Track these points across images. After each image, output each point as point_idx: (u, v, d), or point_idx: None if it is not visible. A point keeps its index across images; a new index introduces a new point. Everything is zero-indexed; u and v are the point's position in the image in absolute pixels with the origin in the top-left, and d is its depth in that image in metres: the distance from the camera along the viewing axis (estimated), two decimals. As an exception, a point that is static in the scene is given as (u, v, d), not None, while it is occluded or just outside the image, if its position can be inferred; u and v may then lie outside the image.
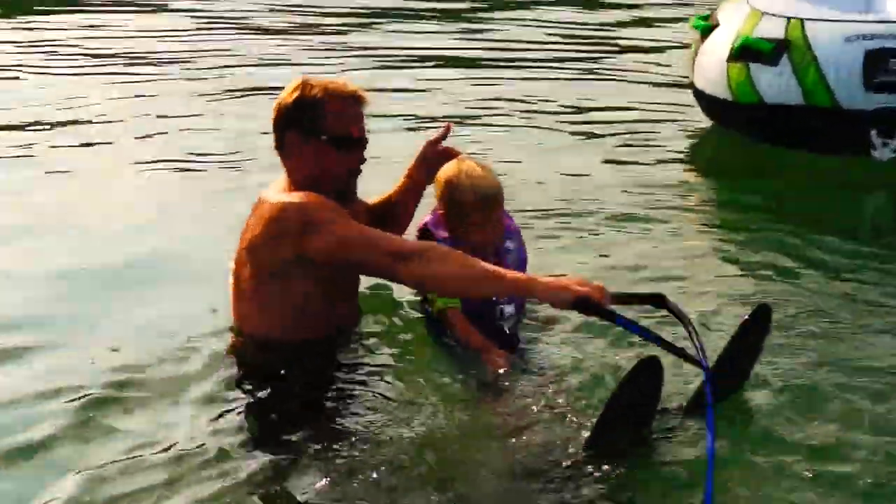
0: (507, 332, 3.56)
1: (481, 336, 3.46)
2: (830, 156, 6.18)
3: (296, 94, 3.35)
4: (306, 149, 3.34)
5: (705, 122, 7.06)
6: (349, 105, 3.37)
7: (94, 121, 6.97)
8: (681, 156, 6.72)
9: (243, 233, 3.41)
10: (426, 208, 3.79)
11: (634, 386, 2.89)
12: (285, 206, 3.26)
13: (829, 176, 6.18)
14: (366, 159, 3.42)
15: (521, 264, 3.63)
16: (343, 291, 3.48)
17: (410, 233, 3.77)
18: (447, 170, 3.55)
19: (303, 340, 3.35)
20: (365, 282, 3.68)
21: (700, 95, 6.82)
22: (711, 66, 6.55)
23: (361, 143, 3.40)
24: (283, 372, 3.32)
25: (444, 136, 3.79)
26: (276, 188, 3.41)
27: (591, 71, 8.99)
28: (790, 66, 6.07)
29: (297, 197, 3.28)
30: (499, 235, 3.56)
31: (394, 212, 3.83)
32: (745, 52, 6.26)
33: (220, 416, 3.20)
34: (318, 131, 3.32)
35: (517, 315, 3.62)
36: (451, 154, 3.71)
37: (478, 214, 3.47)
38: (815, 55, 5.99)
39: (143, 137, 6.62)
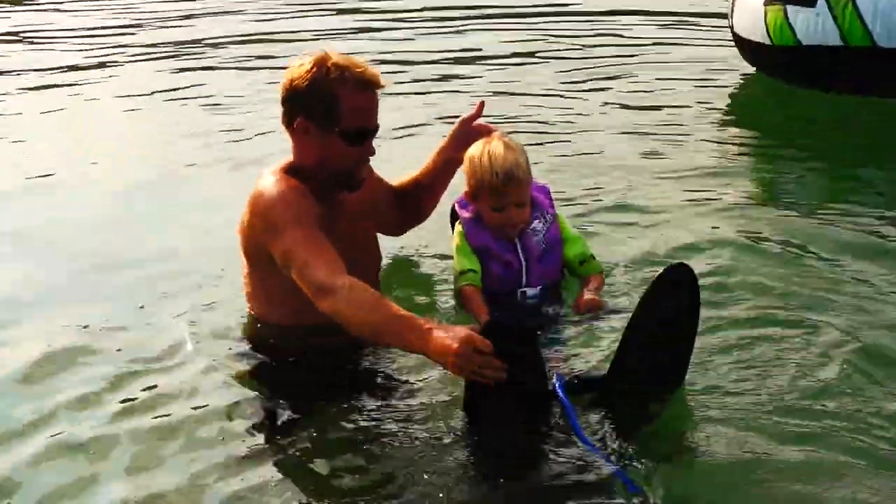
0: (529, 313, 3.40)
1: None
2: (868, 97, 6.13)
3: (311, 78, 3.08)
4: (315, 136, 3.13)
5: (746, 68, 7.02)
6: (367, 96, 3.13)
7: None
8: (720, 104, 6.67)
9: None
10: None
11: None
12: (258, 197, 3.13)
13: (862, 117, 6.13)
14: (374, 150, 3.23)
15: (551, 245, 3.45)
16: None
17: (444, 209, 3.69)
18: (473, 148, 3.38)
19: (308, 324, 3.13)
20: (388, 258, 3.59)
21: (738, 39, 6.77)
22: (749, 9, 6.50)
23: (374, 132, 3.20)
24: (291, 355, 3.22)
25: (478, 114, 3.54)
26: (275, 166, 3.24)
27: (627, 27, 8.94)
28: (827, 6, 6.00)
29: (272, 189, 3.11)
30: (522, 218, 3.38)
31: (419, 193, 3.66)
32: (783, -6, 6.23)
33: (230, 399, 3.15)
34: (332, 123, 3.10)
35: (543, 297, 3.45)
36: (485, 132, 3.49)
37: (496, 195, 3.31)
38: (853, -6, 5.93)
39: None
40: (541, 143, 5.62)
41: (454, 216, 3.55)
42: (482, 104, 3.55)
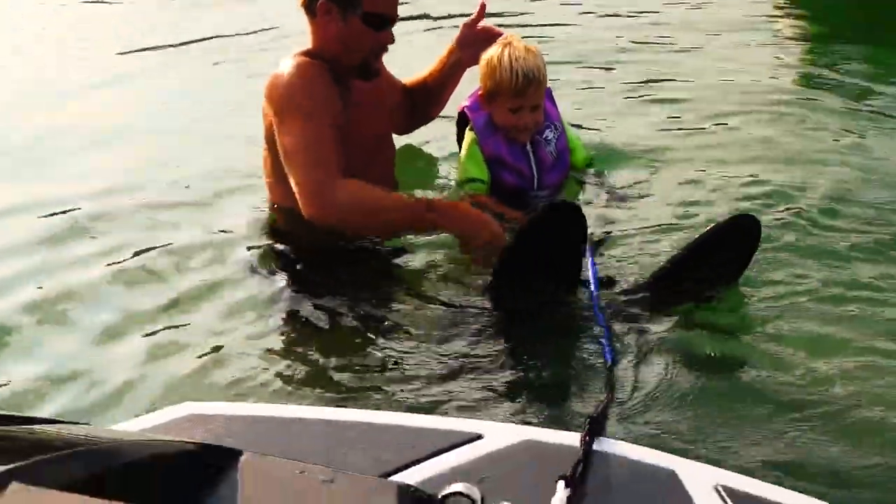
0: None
1: (514, 211, 3.35)
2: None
3: None
4: (337, 20, 3.20)
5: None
6: None
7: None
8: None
9: None
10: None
11: (532, 235, 2.79)
12: (276, 81, 3.18)
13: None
14: (394, 38, 3.29)
15: (560, 154, 3.53)
16: (359, 161, 3.21)
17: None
18: (492, 49, 3.44)
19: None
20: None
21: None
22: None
23: (393, 21, 3.27)
24: (311, 243, 3.25)
25: (480, 17, 3.68)
26: (293, 51, 3.27)
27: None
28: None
29: (290, 74, 3.16)
30: (536, 121, 3.45)
31: (426, 95, 3.78)
32: None
33: (250, 289, 3.20)
34: (355, 6, 3.18)
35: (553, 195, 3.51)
36: (490, 33, 3.61)
37: (515, 96, 3.38)
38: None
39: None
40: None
41: (462, 120, 3.61)
42: (483, 6, 3.67)
